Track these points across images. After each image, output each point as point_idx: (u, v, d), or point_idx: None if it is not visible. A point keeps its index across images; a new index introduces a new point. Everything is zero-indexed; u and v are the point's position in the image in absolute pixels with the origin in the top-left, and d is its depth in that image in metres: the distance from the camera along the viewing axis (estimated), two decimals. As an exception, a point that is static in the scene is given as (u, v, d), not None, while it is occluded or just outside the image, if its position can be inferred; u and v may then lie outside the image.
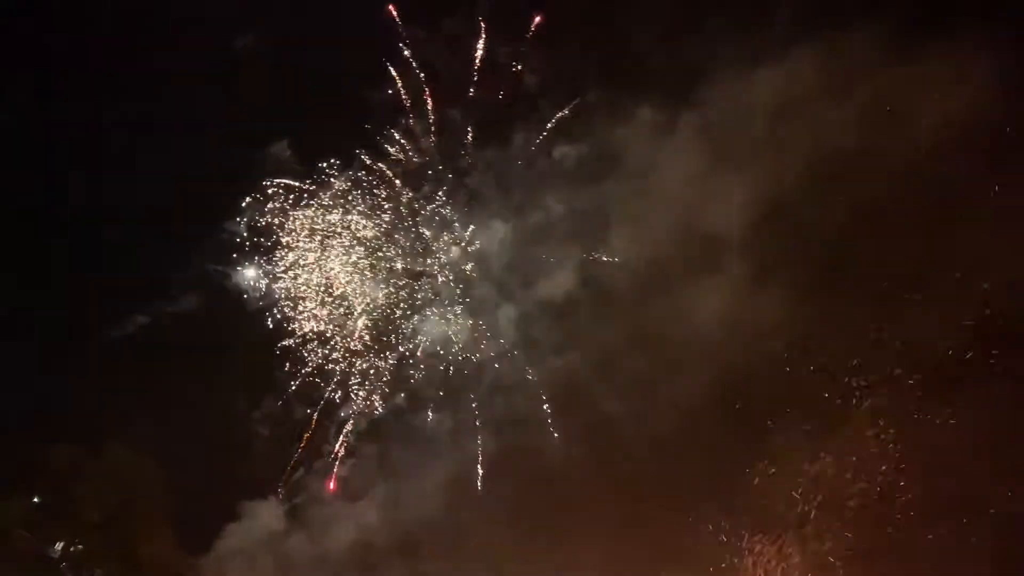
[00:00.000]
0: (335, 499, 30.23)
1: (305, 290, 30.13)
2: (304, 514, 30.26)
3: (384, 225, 30.36)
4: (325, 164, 29.73)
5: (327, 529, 29.94)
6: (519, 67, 29.22)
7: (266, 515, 30.03)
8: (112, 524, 28.78)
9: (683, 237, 27.53)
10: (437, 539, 28.96)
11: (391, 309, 30.51)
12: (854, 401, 23.98)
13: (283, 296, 29.98)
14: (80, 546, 29.44)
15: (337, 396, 30.15)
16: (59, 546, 29.27)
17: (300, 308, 30.04)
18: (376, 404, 30.33)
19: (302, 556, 29.78)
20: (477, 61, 29.02)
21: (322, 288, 30.23)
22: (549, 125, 29.29)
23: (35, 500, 29.15)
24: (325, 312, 30.18)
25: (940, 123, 23.45)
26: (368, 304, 30.39)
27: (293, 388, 29.83)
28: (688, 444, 26.61)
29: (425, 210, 30.31)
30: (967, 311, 22.84)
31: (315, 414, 30.01)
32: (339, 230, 30.24)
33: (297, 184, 29.80)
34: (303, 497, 30.25)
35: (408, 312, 30.53)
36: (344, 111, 29.22)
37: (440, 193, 30.26)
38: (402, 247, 30.54)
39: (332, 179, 29.83)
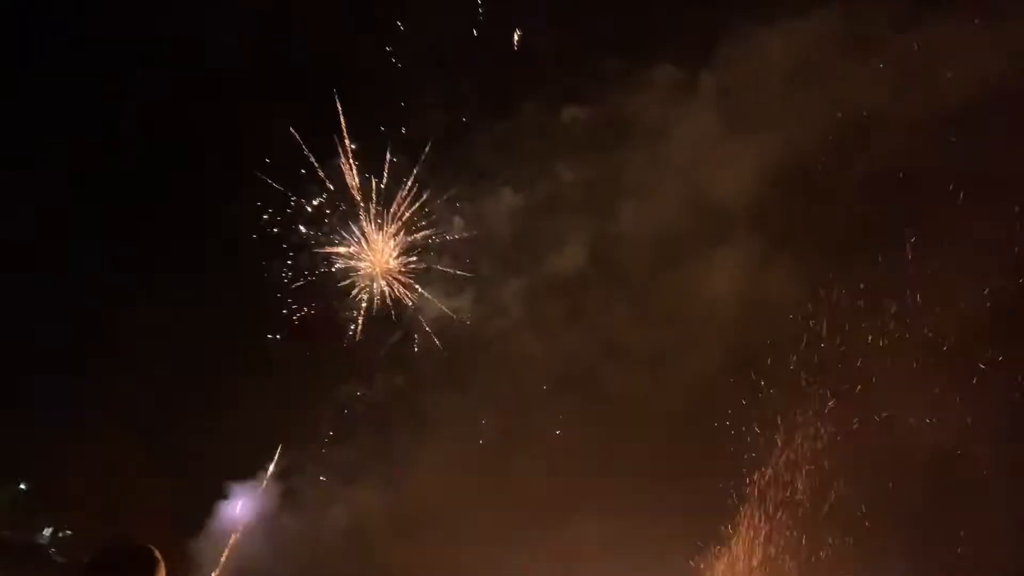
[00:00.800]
0: (331, 481, 29.55)
1: (302, 270, 29.31)
2: (298, 496, 29.58)
3: (383, 200, 29.47)
4: (321, 140, 28.78)
5: (323, 511, 29.21)
6: (519, 33, 28.18)
7: (259, 498, 29.26)
8: (101, 509, 28.07)
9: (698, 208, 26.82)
10: (436, 522, 28.26)
11: (391, 286, 29.74)
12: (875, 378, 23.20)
13: (279, 277, 29.16)
14: (68, 532, 29.15)
15: (334, 375, 29.50)
16: (47, 532, 29.05)
17: (297, 288, 29.22)
18: (375, 385, 29.71)
19: (296, 538, 29.00)
20: (479, 23, 28.02)
21: (318, 268, 29.42)
22: (558, 91, 28.43)
23: (21, 487, 28.87)
24: (322, 291, 29.35)
25: (969, 87, 22.52)
26: (367, 282, 29.61)
27: (289, 367, 29.02)
28: (696, 426, 26.04)
29: (428, 183, 29.39)
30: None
31: (311, 394, 29.37)
32: (336, 207, 29.39)
33: (291, 165, 28.87)
34: (297, 479, 29.57)
35: (409, 288, 29.76)
36: (339, 82, 28.20)
37: (443, 165, 29.38)
38: (402, 221, 29.69)
39: (328, 155, 28.89)
